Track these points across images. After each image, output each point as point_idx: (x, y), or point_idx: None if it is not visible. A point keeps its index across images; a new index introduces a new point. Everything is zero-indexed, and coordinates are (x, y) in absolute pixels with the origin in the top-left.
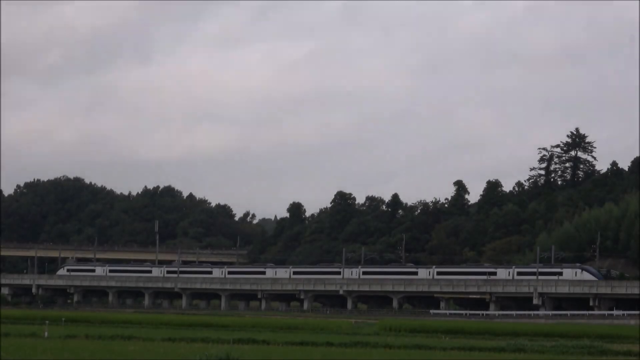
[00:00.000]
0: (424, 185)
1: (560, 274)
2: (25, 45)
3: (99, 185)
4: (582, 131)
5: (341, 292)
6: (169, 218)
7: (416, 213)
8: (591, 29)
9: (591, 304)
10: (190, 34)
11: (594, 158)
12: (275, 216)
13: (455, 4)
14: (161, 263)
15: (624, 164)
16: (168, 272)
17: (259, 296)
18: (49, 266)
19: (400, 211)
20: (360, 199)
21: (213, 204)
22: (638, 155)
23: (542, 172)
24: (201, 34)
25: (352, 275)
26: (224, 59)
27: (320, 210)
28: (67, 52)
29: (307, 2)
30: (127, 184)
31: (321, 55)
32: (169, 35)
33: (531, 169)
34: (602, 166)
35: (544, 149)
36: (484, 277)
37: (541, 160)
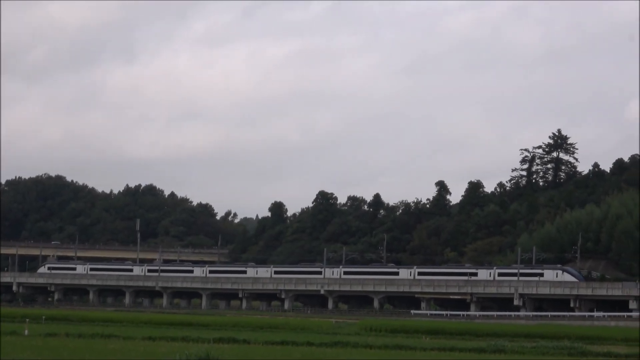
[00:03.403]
0: (405, 186)
1: (541, 275)
2: (11, 43)
3: (81, 183)
4: (564, 132)
5: (322, 292)
6: (151, 217)
7: (398, 213)
8: (575, 30)
9: (572, 305)
10: (176, 33)
11: (576, 159)
12: (257, 215)
13: (440, 4)
14: (142, 262)
15: (606, 166)
16: (149, 270)
17: (240, 295)
18: (29, 264)
19: (381, 211)
20: (342, 199)
21: (195, 203)
22: (619, 157)
23: (524, 173)
24: (186, 33)
25: (333, 275)
26: (209, 58)
27: (302, 209)
28: (52, 50)
29: (294, 1)
30: (109, 183)
31: (306, 55)
32: (154, 34)
33: (513, 170)
34: (583, 168)
35: (526, 149)
36: (465, 277)
37: (523, 161)
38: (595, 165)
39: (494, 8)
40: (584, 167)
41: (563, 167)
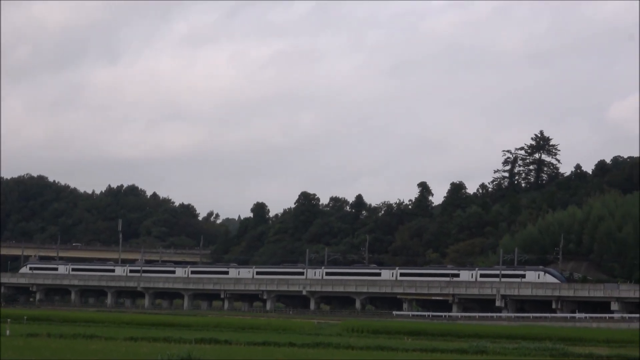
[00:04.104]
0: (388, 187)
1: (523, 276)
2: None
3: (63, 183)
4: (546, 134)
5: (304, 293)
6: (133, 217)
7: (380, 214)
8: (557, 32)
9: (553, 306)
10: (159, 34)
11: (558, 161)
12: (239, 216)
13: (423, 6)
14: (124, 262)
15: (588, 167)
16: (131, 271)
17: (222, 296)
18: (11, 264)
19: (364, 212)
20: (324, 200)
21: (177, 204)
22: (601, 158)
23: (506, 174)
24: (169, 33)
25: (315, 276)
26: (191, 59)
27: (284, 210)
28: (35, 49)
29: (277, 2)
30: (91, 183)
31: (289, 56)
32: (137, 34)
33: (495, 171)
34: (566, 169)
35: (508, 151)
36: (447, 278)
37: (505, 162)
38: (578, 166)
39: (477, 10)
40: (566, 169)
41: (545, 169)
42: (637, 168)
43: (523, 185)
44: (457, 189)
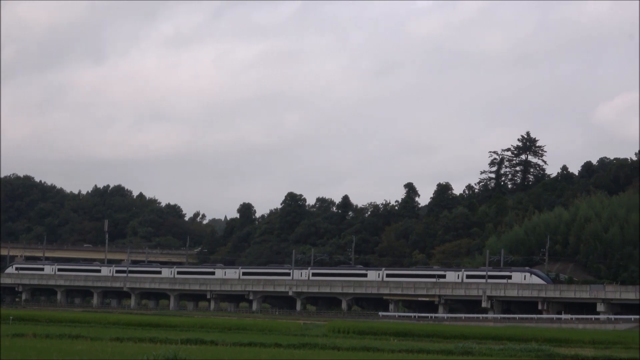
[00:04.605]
0: (374, 188)
1: (509, 277)
2: None
3: (49, 183)
4: (532, 135)
5: (290, 293)
6: (119, 217)
7: (366, 215)
8: (543, 33)
9: (540, 307)
10: (144, 34)
11: (545, 162)
12: (225, 216)
13: (408, 6)
14: (110, 262)
15: (574, 168)
16: (117, 271)
17: (208, 296)
18: None
19: (350, 213)
20: (310, 200)
21: (163, 204)
22: (588, 159)
23: (493, 175)
24: (154, 34)
25: (301, 277)
26: (176, 59)
27: (271, 211)
28: (20, 49)
29: (262, 2)
30: (77, 183)
31: (274, 56)
32: (122, 34)
33: (482, 172)
34: (552, 170)
35: (494, 152)
36: (433, 279)
37: (492, 163)
38: (564, 168)
39: (463, 11)
40: (552, 170)
41: (531, 170)
42: (623, 169)
43: (509, 186)
44: (443, 190)
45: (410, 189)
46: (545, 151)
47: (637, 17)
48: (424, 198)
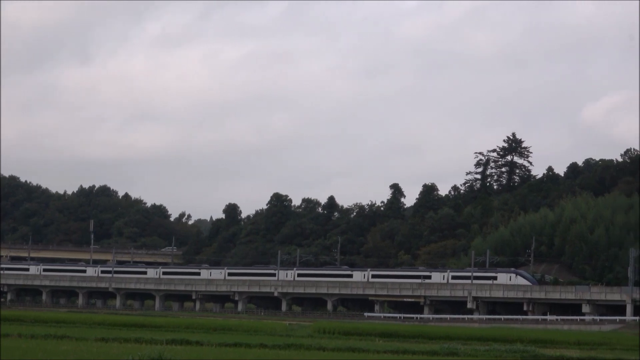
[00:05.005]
0: (360, 188)
1: (495, 278)
2: None
3: (35, 183)
4: (518, 136)
5: (276, 294)
6: (104, 217)
7: (352, 216)
8: (530, 34)
9: (525, 308)
10: (132, 34)
11: (530, 163)
12: (211, 217)
13: (397, 7)
14: (96, 263)
15: (560, 169)
16: (102, 271)
17: (194, 297)
18: None
19: (336, 214)
20: (296, 201)
21: (149, 204)
22: (574, 160)
23: (478, 176)
24: (142, 34)
25: (287, 277)
26: (164, 60)
27: (256, 211)
28: (7, 50)
29: (250, 2)
30: (63, 183)
31: (262, 57)
32: (110, 35)
33: (467, 173)
34: (538, 171)
35: (480, 153)
36: (419, 280)
37: (477, 164)
38: (550, 169)
39: (451, 12)
40: (538, 171)
41: (517, 171)
42: (609, 170)
43: (495, 187)
44: (429, 190)
45: (396, 190)
46: (531, 152)
47: (624, 19)
48: (410, 199)
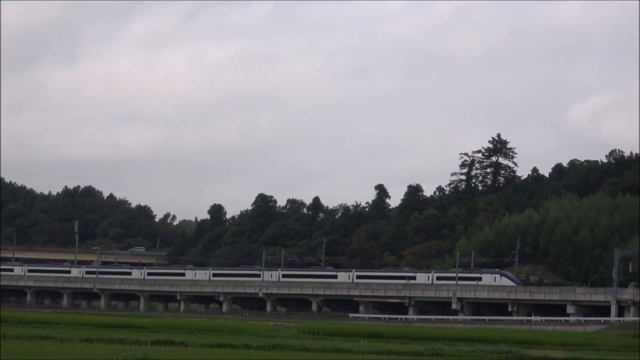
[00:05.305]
0: (345, 189)
1: (480, 279)
2: None
3: (19, 184)
4: (503, 137)
5: (260, 295)
6: (89, 218)
7: (337, 216)
8: (515, 35)
9: (510, 309)
10: (118, 35)
11: (515, 164)
12: (196, 218)
13: (381, 8)
14: (80, 263)
15: (545, 170)
16: (87, 272)
17: (178, 297)
18: None
19: (321, 214)
20: (281, 202)
21: (133, 205)
22: (558, 161)
23: (463, 177)
24: (128, 34)
25: (271, 278)
26: (150, 60)
27: (241, 212)
28: None
29: (236, 3)
30: (48, 184)
31: (247, 57)
32: (96, 35)
33: (452, 174)
34: (522, 172)
35: (465, 154)
36: (404, 281)
37: (462, 165)
38: (534, 169)
39: (436, 13)
40: (523, 172)
41: (502, 172)
42: (594, 171)
43: (480, 188)
44: (414, 191)
45: (381, 191)
46: (516, 153)
47: (610, 21)
48: (395, 200)
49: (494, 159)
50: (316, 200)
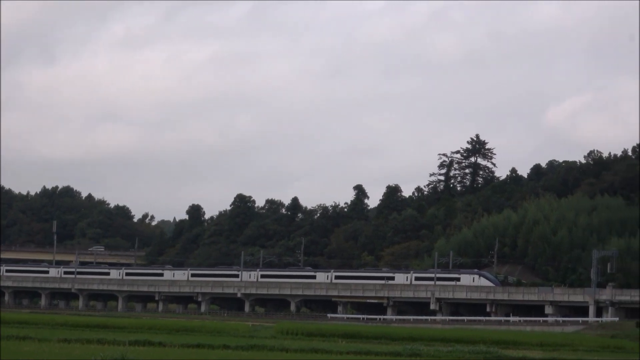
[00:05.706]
0: (324, 189)
1: (458, 279)
2: None
3: None
4: (482, 138)
5: (239, 295)
6: (67, 218)
7: (315, 217)
8: (493, 35)
9: (488, 309)
10: (96, 35)
11: (494, 164)
12: (174, 218)
13: (360, 8)
14: (59, 263)
15: (523, 171)
16: (65, 272)
17: (157, 298)
18: None
19: (299, 215)
20: (260, 202)
21: (112, 205)
22: (537, 162)
23: (442, 177)
24: (106, 35)
25: (250, 278)
26: (129, 60)
27: (220, 212)
28: None
29: (214, 3)
30: (26, 184)
31: (226, 57)
32: (74, 35)
33: (431, 175)
34: (501, 173)
35: (444, 154)
36: (382, 281)
37: (441, 166)
38: (513, 170)
39: (414, 13)
40: (501, 173)
41: (481, 172)
42: (572, 172)
43: (459, 188)
44: (392, 192)
45: (360, 191)
46: (495, 154)
47: (588, 22)
48: (373, 200)
49: (472, 159)
50: (295, 200)
